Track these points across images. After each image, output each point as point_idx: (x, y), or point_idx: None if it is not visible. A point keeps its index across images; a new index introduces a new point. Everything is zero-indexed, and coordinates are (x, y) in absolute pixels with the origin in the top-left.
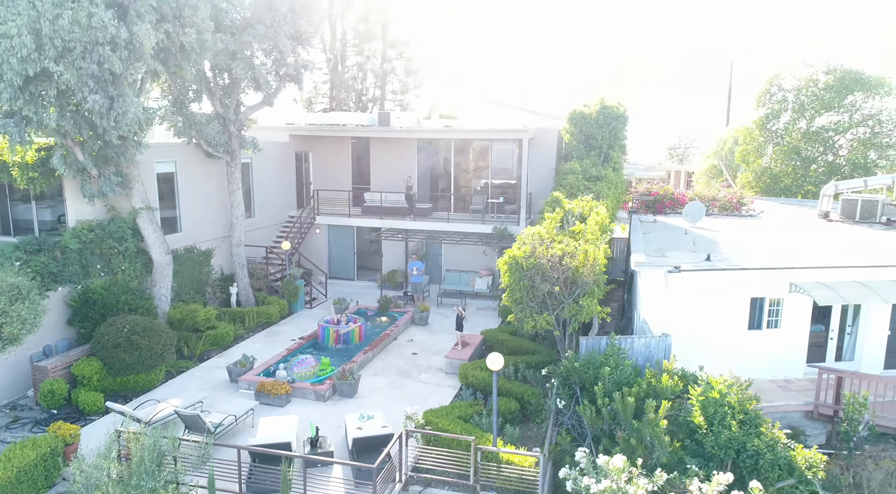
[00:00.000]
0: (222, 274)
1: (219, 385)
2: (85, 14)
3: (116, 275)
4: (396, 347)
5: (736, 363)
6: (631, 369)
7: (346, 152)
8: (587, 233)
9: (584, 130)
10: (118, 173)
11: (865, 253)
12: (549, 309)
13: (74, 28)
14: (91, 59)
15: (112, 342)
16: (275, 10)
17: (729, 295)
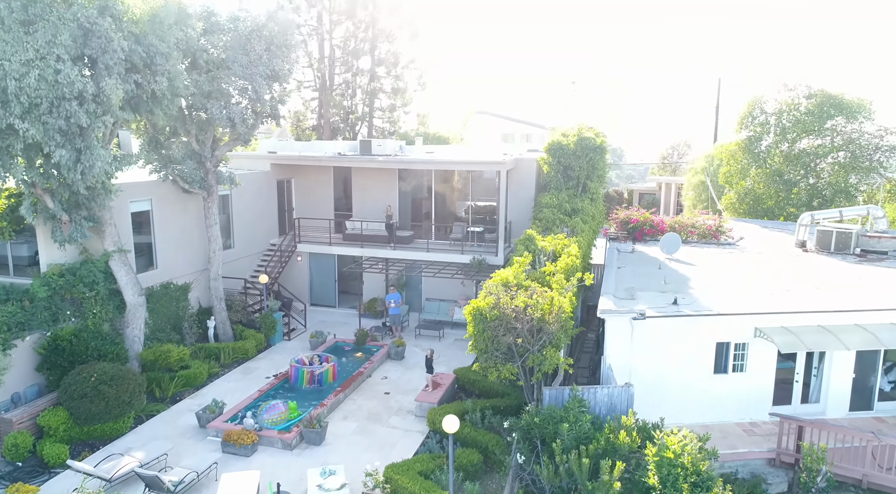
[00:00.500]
0: (200, 307)
1: (188, 431)
2: (52, 71)
3: (87, 320)
4: (369, 386)
5: (702, 406)
6: (590, 424)
7: (328, 179)
8: (553, 282)
9: (563, 161)
10: (90, 217)
11: (835, 291)
12: (516, 357)
13: (41, 85)
14: (58, 114)
15: (79, 392)
16: (251, 51)
17: (695, 340)
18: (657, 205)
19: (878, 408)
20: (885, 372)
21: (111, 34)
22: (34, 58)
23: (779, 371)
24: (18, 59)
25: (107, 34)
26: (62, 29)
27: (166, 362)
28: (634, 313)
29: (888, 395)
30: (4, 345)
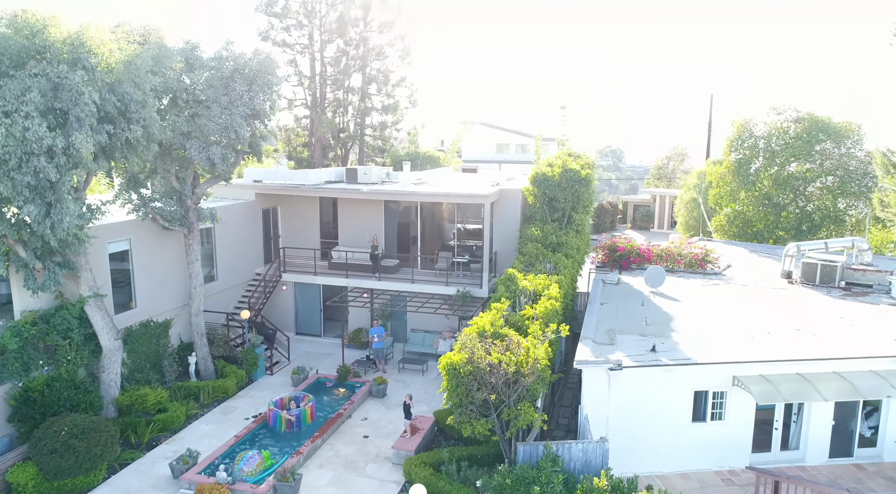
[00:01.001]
0: (181, 343)
1: (161, 482)
2: (20, 128)
3: (60, 368)
4: (349, 428)
5: (681, 455)
6: (562, 486)
7: (314, 208)
8: (531, 328)
9: (547, 193)
10: (64, 264)
11: (815, 334)
12: (491, 411)
13: (9, 142)
14: (26, 169)
15: (49, 447)
16: (231, 91)
17: (673, 388)
18: (651, 217)
19: (857, 455)
20: (865, 418)
21: (82, 88)
22: (1, 116)
23: (759, 412)
24: None
25: (77, 88)
26: (32, 86)
27: (143, 406)
28: (611, 363)
29: (868, 441)
30: None
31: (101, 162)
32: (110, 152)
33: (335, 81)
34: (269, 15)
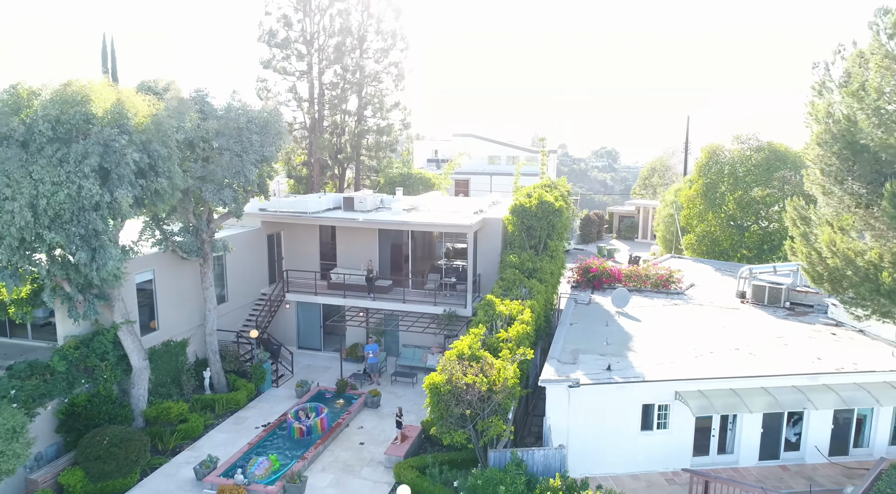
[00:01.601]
0: (196, 359)
1: (186, 484)
2: (76, 188)
3: (98, 386)
4: (347, 436)
5: (632, 459)
6: (525, 486)
7: (315, 233)
8: (504, 350)
9: (525, 222)
10: (101, 295)
11: (752, 353)
12: (468, 422)
13: (66, 201)
14: (78, 222)
15: (93, 454)
16: (244, 140)
17: (624, 402)
18: (636, 228)
19: (783, 458)
20: (791, 425)
21: (125, 150)
22: (64, 179)
23: (699, 422)
24: (51, 179)
25: (122, 150)
26: (92, 152)
27: (167, 417)
28: (570, 381)
29: (793, 445)
30: (30, 414)
31: (134, 210)
32: (141, 201)
33: (333, 106)
34: (270, 46)
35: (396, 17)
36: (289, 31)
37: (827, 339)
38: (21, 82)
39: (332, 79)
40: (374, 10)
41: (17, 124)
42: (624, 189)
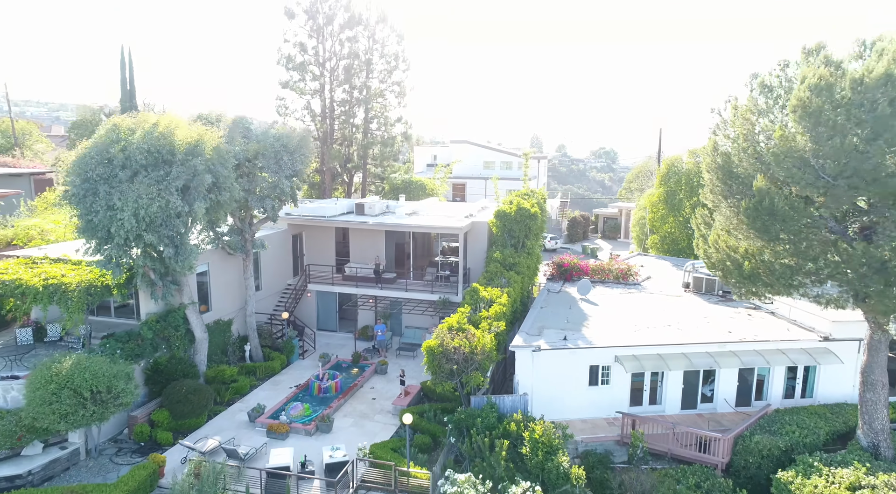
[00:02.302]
0: (238, 335)
1: (242, 425)
2: (165, 202)
3: (173, 351)
4: (361, 394)
5: (582, 407)
6: (496, 419)
7: (331, 233)
8: (483, 325)
9: (506, 225)
10: (174, 282)
11: (680, 328)
12: (455, 376)
13: (159, 211)
14: (167, 226)
15: (175, 399)
16: (280, 159)
17: (575, 363)
18: (618, 228)
19: (700, 408)
20: (706, 383)
21: (201, 170)
22: (156, 195)
23: (634, 378)
24: (147, 195)
25: (198, 170)
26: (179, 174)
27: (222, 378)
28: (534, 347)
29: (707, 398)
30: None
31: (203, 217)
32: (209, 210)
33: (342, 120)
34: (288, 69)
35: (398, 42)
36: (304, 56)
37: (742, 319)
38: (119, 121)
39: (342, 96)
40: (379, 35)
41: (117, 152)
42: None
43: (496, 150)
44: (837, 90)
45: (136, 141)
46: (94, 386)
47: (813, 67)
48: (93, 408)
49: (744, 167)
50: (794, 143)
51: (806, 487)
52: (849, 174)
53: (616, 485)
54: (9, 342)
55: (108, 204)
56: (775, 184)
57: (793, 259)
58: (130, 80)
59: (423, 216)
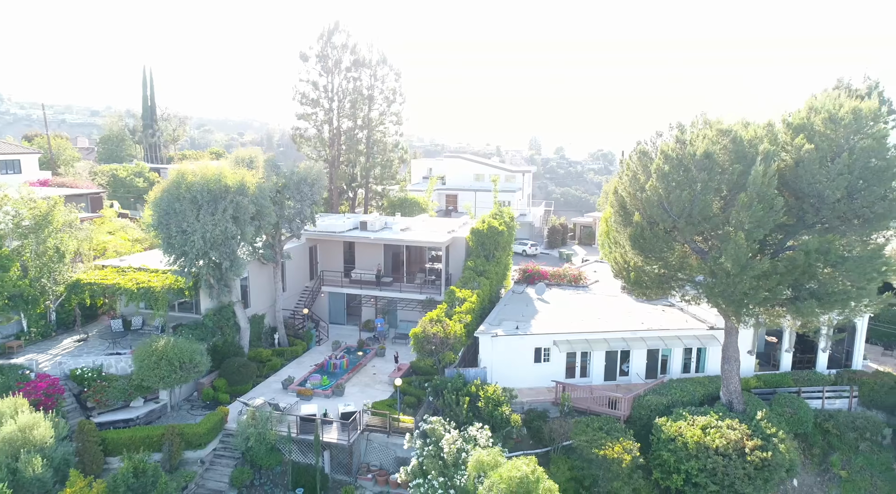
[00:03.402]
0: (269, 326)
1: (277, 391)
2: (223, 228)
3: (226, 337)
4: (365, 371)
5: (529, 379)
6: (462, 384)
7: (340, 245)
8: (456, 317)
9: (480, 240)
10: (226, 285)
11: (608, 320)
12: (434, 354)
13: (218, 235)
14: (225, 246)
15: (230, 370)
16: (303, 192)
17: (524, 346)
18: (593, 235)
19: (618, 380)
20: (622, 362)
21: (247, 205)
22: (217, 222)
23: (569, 358)
24: (210, 222)
25: (245, 206)
26: (228, 207)
27: (260, 357)
28: (493, 333)
29: (624, 373)
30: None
31: (251, 239)
32: (253, 233)
33: (348, 146)
34: (302, 104)
35: (396, 79)
36: (316, 93)
37: (657, 313)
38: (184, 168)
39: (348, 124)
40: (380, 74)
41: (184, 191)
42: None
43: (485, 164)
44: (682, 159)
45: (198, 184)
46: (181, 359)
47: (667, 143)
48: (181, 373)
49: (631, 206)
50: (656, 193)
51: (672, 427)
52: (687, 215)
53: (547, 431)
54: (103, 330)
55: (181, 229)
56: (647, 219)
57: (663, 270)
58: (151, 97)
59: (414, 231)
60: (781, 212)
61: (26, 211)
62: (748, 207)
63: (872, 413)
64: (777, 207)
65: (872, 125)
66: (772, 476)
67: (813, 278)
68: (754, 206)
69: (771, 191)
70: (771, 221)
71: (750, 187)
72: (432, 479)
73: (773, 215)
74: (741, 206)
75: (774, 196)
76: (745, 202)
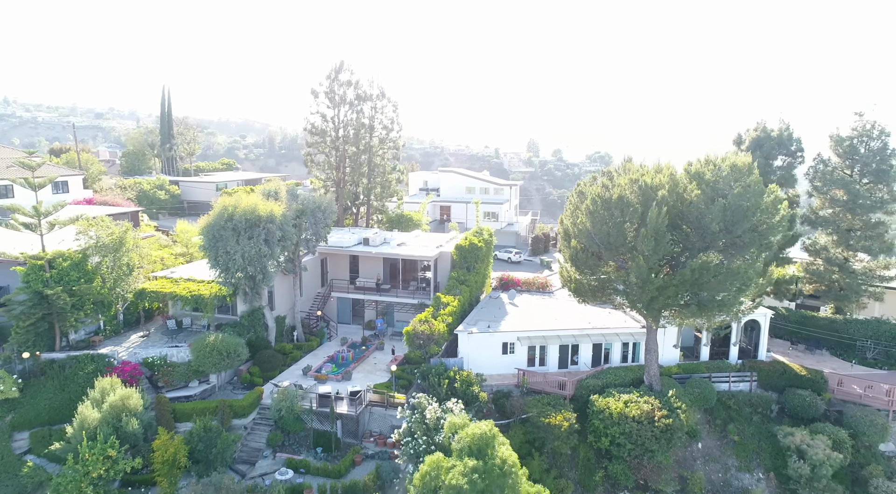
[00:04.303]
0: (289, 325)
1: (298, 376)
2: (258, 249)
3: (257, 333)
4: (367, 362)
5: (498, 367)
6: (444, 369)
7: (346, 258)
8: (440, 318)
9: (462, 254)
10: (257, 292)
11: (563, 320)
12: (422, 348)
13: (253, 258)
14: (259, 263)
15: (262, 360)
16: (317, 217)
17: (494, 341)
18: None
19: (570, 368)
20: (572, 354)
21: (275, 231)
22: (252, 245)
23: (530, 350)
24: (247, 245)
25: (273, 231)
26: (261, 233)
27: (283, 351)
28: (468, 331)
29: (574, 363)
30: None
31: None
32: (279, 252)
33: (352, 168)
34: (312, 134)
35: (394, 110)
36: (324, 124)
37: (604, 314)
38: (225, 201)
39: (352, 150)
40: (379, 105)
41: (227, 222)
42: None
43: (476, 178)
44: (605, 201)
45: (237, 214)
46: (227, 350)
47: (595, 187)
48: (227, 361)
49: (571, 233)
50: (585, 227)
51: (602, 402)
52: (607, 243)
53: (509, 407)
54: (160, 328)
55: (225, 250)
56: (581, 244)
57: (595, 282)
58: (169, 114)
59: (408, 246)
60: (669, 243)
61: (105, 235)
62: (646, 238)
63: (767, 394)
64: (665, 240)
65: (745, 177)
66: (673, 437)
67: (702, 288)
68: (650, 238)
69: (662, 228)
70: (661, 249)
71: (649, 223)
72: (418, 438)
73: (664, 245)
74: (642, 238)
75: (664, 232)
76: (644, 234)
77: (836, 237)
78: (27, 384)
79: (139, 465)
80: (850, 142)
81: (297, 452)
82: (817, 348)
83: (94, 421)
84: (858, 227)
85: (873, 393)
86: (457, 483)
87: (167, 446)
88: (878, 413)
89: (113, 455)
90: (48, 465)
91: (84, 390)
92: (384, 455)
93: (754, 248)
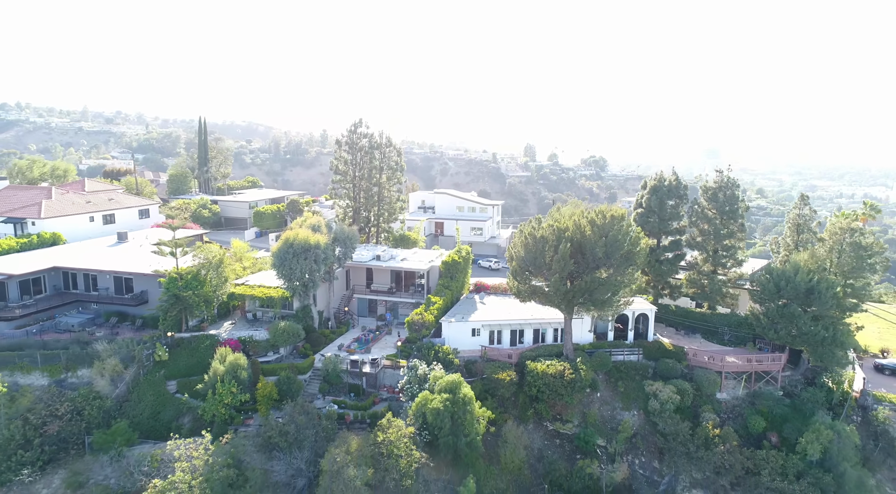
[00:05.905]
0: (325, 318)
1: (335, 350)
2: (311, 266)
3: (307, 322)
4: (381, 342)
5: (470, 345)
6: (431, 345)
7: (364, 269)
8: (430, 311)
9: (447, 267)
10: (307, 294)
11: (514, 314)
12: (418, 333)
13: (307, 270)
14: (312, 275)
15: (312, 340)
16: (345, 243)
17: (466, 328)
18: None
19: (518, 346)
20: (520, 336)
21: (320, 254)
22: (306, 264)
23: (490, 335)
24: (303, 263)
25: (319, 255)
26: (312, 256)
27: (324, 334)
28: (449, 321)
29: (521, 341)
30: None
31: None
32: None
33: (366, 199)
34: (335, 173)
35: (398, 155)
36: (345, 166)
37: (543, 310)
38: (288, 235)
39: (366, 185)
40: (387, 152)
41: (289, 247)
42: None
43: (465, 199)
44: (534, 237)
45: (296, 244)
46: (292, 332)
47: (528, 225)
48: (292, 339)
49: (513, 255)
50: (520, 253)
51: (533, 365)
52: (538, 265)
53: (474, 369)
54: (240, 319)
55: (290, 267)
56: (519, 265)
57: (529, 288)
58: (205, 142)
59: (409, 261)
60: (572, 264)
61: (211, 256)
62: (558, 262)
63: (647, 362)
64: (570, 263)
65: (619, 222)
66: (576, 387)
67: (593, 293)
68: (560, 262)
69: (566, 256)
70: (567, 268)
71: (559, 253)
72: (413, 385)
73: (569, 266)
74: (555, 262)
75: (569, 258)
76: (556, 260)
77: (705, 256)
78: (171, 352)
79: (247, 398)
80: (712, 191)
81: (338, 396)
82: (694, 333)
83: (221, 372)
84: (720, 250)
85: (714, 362)
86: (435, 407)
87: (266, 387)
88: (715, 374)
89: (234, 391)
90: (190, 401)
91: (205, 356)
92: (393, 399)
93: (627, 267)
